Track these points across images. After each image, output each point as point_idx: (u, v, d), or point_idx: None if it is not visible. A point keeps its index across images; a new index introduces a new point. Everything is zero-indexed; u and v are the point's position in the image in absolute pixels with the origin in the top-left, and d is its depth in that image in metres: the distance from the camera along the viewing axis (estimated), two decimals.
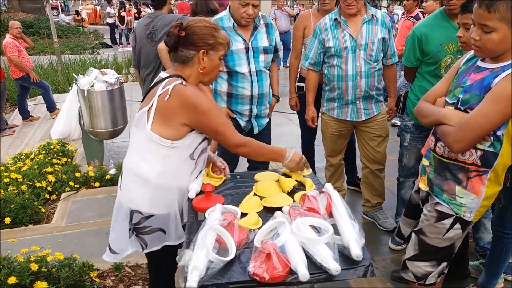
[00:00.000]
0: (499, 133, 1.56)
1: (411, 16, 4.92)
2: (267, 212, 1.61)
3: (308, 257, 1.32)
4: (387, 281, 2.60)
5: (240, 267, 1.32)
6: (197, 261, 1.26)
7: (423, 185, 1.84)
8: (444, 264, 1.81)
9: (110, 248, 1.89)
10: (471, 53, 1.72)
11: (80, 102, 4.11)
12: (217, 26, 1.77)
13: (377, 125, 2.93)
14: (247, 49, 2.63)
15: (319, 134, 3.30)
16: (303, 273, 1.22)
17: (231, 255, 1.32)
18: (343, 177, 3.35)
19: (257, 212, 1.61)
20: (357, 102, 2.84)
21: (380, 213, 3.21)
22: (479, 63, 1.64)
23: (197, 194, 1.73)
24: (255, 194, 1.78)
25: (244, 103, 2.73)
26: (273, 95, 2.95)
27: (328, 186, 1.67)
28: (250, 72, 2.65)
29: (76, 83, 4.09)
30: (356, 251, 1.32)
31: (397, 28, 5.41)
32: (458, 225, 1.70)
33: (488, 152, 1.59)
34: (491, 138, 1.57)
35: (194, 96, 1.68)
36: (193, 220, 1.63)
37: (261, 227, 1.48)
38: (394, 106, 3.03)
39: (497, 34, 1.49)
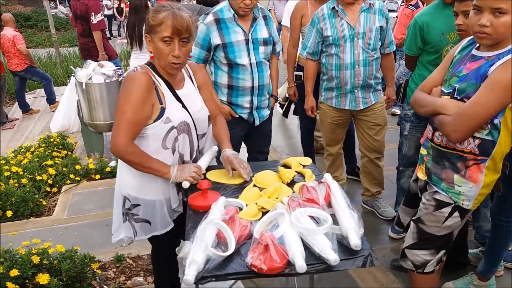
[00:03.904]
0: (496, 121, 1.56)
1: (410, 4, 4.87)
2: None
3: (307, 247, 1.33)
4: (387, 270, 2.61)
5: (240, 258, 1.33)
6: (195, 255, 1.26)
7: (421, 174, 1.84)
8: (443, 252, 1.82)
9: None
10: (466, 41, 1.71)
11: (79, 95, 4.10)
12: (161, 7, 1.67)
13: (376, 114, 2.93)
14: (247, 41, 2.61)
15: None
16: (300, 265, 1.22)
17: (230, 250, 1.32)
18: (342, 166, 3.36)
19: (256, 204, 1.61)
20: (355, 91, 2.83)
21: (379, 202, 3.21)
22: (474, 51, 1.63)
23: (194, 191, 1.71)
24: (254, 185, 1.78)
25: (244, 95, 2.71)
26: (272, 95, 2.91)
27: (327, 177, 1.67)
28: (250, 64, 2.62)
29: (74, 76, 4.08)
30: (354, 241, 1.32)
31: (396, 17, 5.37)
32: (456, 213, 1.71)
33: (486, 141, 1.59)
34: (489, 126, 1.56)
35: (127, 80, 1.68)
36: (193, 211, 1.63)
37: (261, 218, 1.49)
38: (392, 95, 3.03)
39: (510, 16, 1.46)
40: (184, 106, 1.79)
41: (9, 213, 3.26)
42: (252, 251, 1.30)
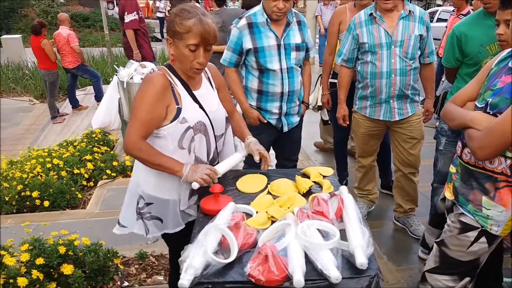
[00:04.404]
0: None
1: (461, 14, 4.63)
2: None
3: (311, 262, 1.27)
4: None
5: (240, 267, 1.29)
6: (193, 259, 1.24)
7: (448, 194, 1.72)
8: (467, 279, 1.68)
9: (119, 222, 1.97)
10: (505, 53, 1.58)
11: (120, 93, 4.23)
12: (185, 13, 1.63)
13: (412, 127, 2.79)
14: (279, 46, 2.58)
15: None
16: (297, 280, 1.17)
17: (232, 257, 1.29)
18: (375, 179, 3.23)
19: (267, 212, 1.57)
20: (391, 101, 2.72)
21: (412, 220, 3.06)
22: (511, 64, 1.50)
23: (206, 194, 1.70)
24: (269, 193, 1.74)
25: (274, 100, 2.68)
26: (303, 102, 2.86)
27: (343, 189, 1.60)
28: (281, 69, 2.59)
29: (116, 75, 4.22)
30: (360, 260, 1.24)
31: (446, 26, 5.12)
32: (483, 239, 1.57)
33: None
34: None
35: (144, 82, 1.70)
36: (203, 215, 1.61)
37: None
38: (431, 107, 2.87)
39: None
40: (201, 107, 1.79)
41: (46, 203, 3.42)
42: (252, 261, 1.26)
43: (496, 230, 1.55)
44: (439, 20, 13.05)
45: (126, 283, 2.61)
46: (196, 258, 1.25)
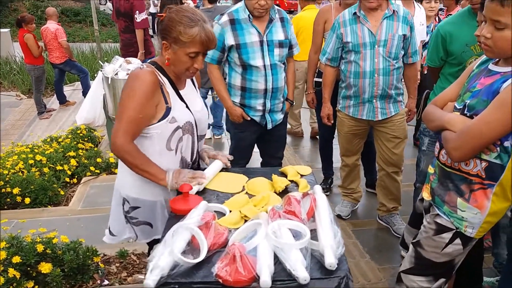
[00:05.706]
0: (507, 143, 1.41)
1: (450, 15, 4.63)
2: None
3: (281, 263, 1.25)
4: None
5: (209, 267, 1.27)
6: (159, 259, 1.22)
7: (426, 194, 1.71)
8: (442, 280, 1.67)
9: (109, 231, 1.92)
10: None
11: (105, 89, 4.18)
12: (190, 20, 1.59)
13: (395, 126, 2.79)
14: (261, 42, 2.56)
15: None
16: (264, 281, 1.15)
17: (200, 257, 1.27)
18: (359, 178, 3.22)
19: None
20: (374, 100, 2.71)
21: (395, 219, 3.06)
22: (491, 66, 1.50)
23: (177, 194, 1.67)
24: (245, 192, 1.72)
25: (257, 97, 2.66)
26: (287, 99, 2.84)
27: (317, 189, 1.58)
28: (264, 66, 2.58)
29: (101, 71, 4.17)
30: (329, 260, 1.23)
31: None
32: (458, 241, 1.56)
33: (494, 164, 1.44)
34: (498, 148, 1.42)
35: (132, 78, 1.63)
36: (173, 215, 1.59)
37: None
38: (414, 107, 2.87)
39: (510, 31, 1.34)
40: (187, 107, 1.76)
41: (27, 200, 3.36)
42: (220, 261, 1.24)
43: (471, 232, 1.54)
44: None
45: (106, 282, 2.57)
46: (162, 258, 1.23)
